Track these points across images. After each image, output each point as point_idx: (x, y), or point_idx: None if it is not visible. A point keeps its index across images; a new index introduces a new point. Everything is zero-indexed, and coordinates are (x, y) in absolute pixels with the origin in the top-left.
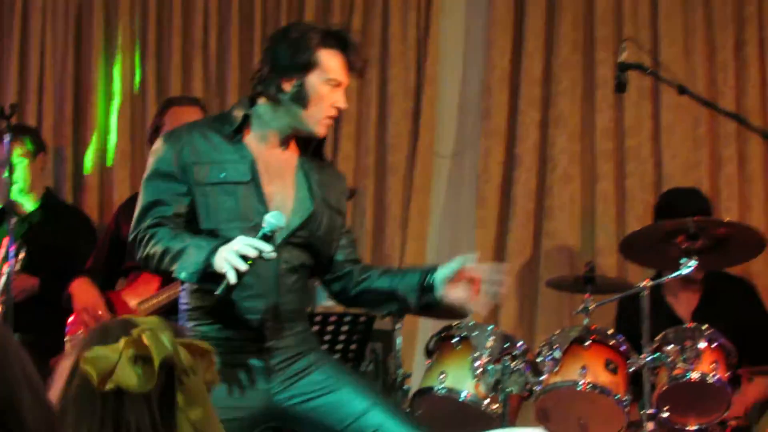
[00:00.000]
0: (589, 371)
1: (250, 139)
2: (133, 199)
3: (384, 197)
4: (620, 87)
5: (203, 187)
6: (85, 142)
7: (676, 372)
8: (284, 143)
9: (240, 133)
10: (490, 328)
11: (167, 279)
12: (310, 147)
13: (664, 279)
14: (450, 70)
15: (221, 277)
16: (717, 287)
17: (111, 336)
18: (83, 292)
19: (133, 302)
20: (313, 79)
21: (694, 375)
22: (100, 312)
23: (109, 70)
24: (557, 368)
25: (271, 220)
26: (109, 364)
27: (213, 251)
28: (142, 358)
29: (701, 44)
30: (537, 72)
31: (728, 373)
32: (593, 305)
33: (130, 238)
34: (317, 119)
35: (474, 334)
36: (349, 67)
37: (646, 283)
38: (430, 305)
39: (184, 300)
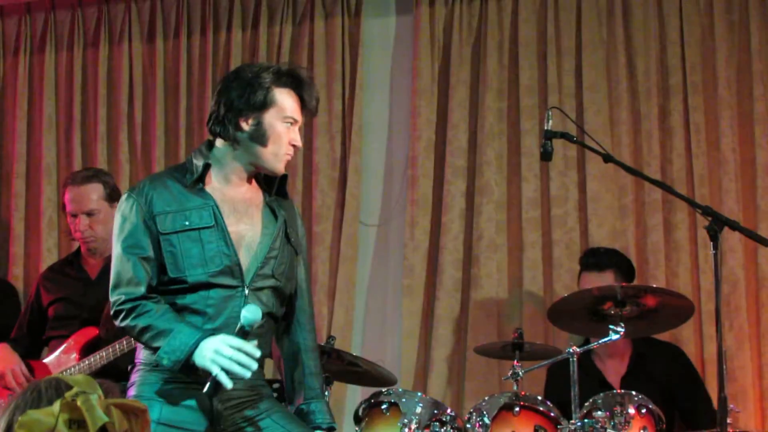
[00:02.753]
0: None
1: (213, 184)
2: (53, 269)
3: (311, 266)
4: (546, 155)
5: (168, 236)
6: (9, 211)
7: None
8: (247, 181)
9: (201, 181)
10: (419, 394)
11: (87, 349)
12: (274, 185)
13: (592, 345)
14: (375, 140)
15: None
16: (646, 353)
17: (44, 398)
18: (3, 358)
19: (54, 372)
20: (270, 118)
21: None
22: (22, 377)
23: (33, 140)
24: None
25: (247, 315)
26: (45, 428)
27: (196, 344)
28: (77, 422)
29: (626, 114)
30: (462, 141)
31: None
32: (522, 372)
33: (112, 300)
34: (277, 156)
35: (403, 400)
36: (302, 106)
37: (574, 349)
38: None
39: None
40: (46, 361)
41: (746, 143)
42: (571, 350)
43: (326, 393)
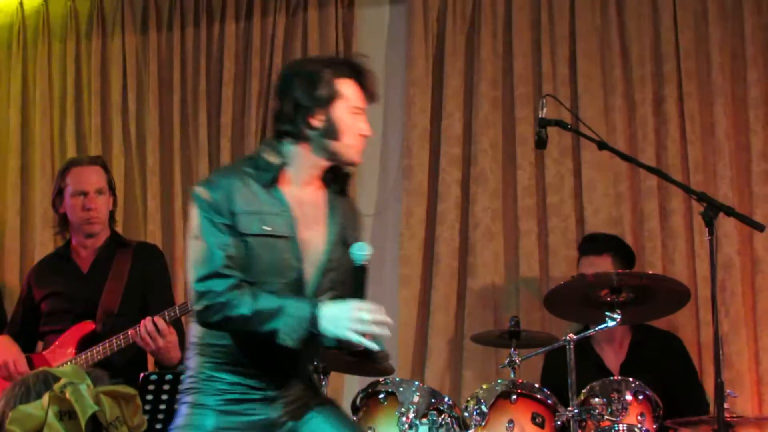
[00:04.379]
0: (516, 425)
1: (287, 186)
2: (44, 262)
3: None
4: (540, 143)
5: (246, 238)
6: (5, 205)
7: (603, 424)
8: (315, 182)
9: (276, 182)
10: (416, 383)
11: (84, 344)
12: (336, 184)
13: (589, 332)
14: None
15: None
16: (644, 340)
17: (33, 392)
18: (3, 349)
19: (54, 366)
20: (338, 111)
21: (621, 427)
22: (20, 369)
23: (28, 134)
24: (484, 422)
25: (359, 252)
26: (36, 422)
27: (313, 315)
28: (67, 413)
29: (621, 101)
30: (457, 130)
31: (655, 426)
32: (519, 359)
33: (196, 296)
34: (351, 148)
35: (400, 389)
36: (364, 93)
37: (571, 336)
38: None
39: (196, 333)
40: (43, 355)
41: (741, 129)
42: (567, 338)
43: (323, 382)
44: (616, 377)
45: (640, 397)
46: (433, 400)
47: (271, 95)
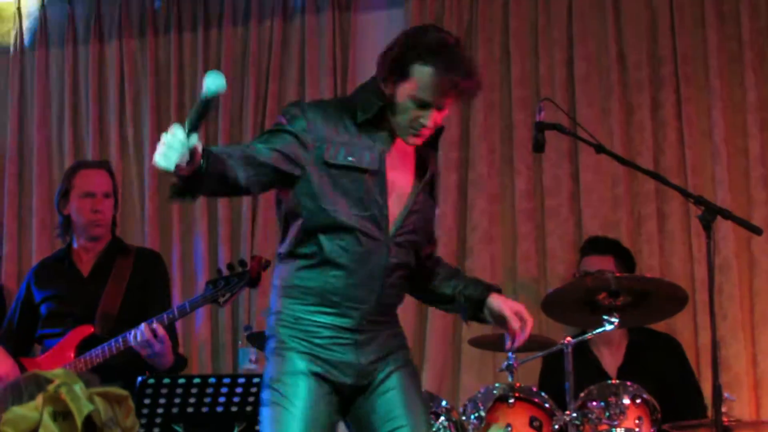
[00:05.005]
0: (514, 429)
1: (381, 126)
2: (43, 265)
3: None
4: (538, 147)
5: (329, 168)
6: (2, 210)
7: (600, 428)
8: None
9: (372, 122)
10: None
11: (83, 347)
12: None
13: (587, 336)
14: None
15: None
16: (642, 343)
17: (25, 393)
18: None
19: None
20: (402, 91)
21: (619, 431)
22: None
23: (25, 139)
24: (482, 426)
25: (209, 85)
26: (30, 423)
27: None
28: (62, 414)
29: (618, 105)
30: (455, 134)
31: (653, 429)
32: (517, 363)
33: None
34: (403, 129)
35: None
36: (442, 90)
37: (568, 340)
38: (479, 320)
39: (283, 275)
40: (39, 359)
41: (738, 133)
42: (565, 341)
43: None
44: (614, 381)
45: (638, 401)
46: (430, 404)
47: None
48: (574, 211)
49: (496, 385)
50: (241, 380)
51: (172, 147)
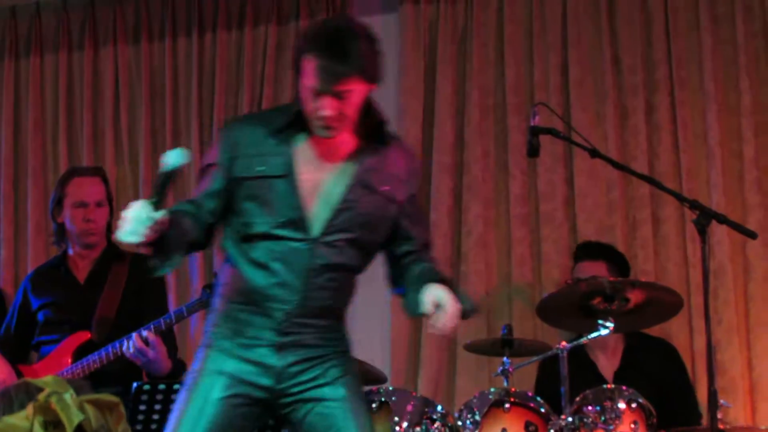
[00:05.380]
0: None
1: (300, 130)
2: (40, 272)
3: None
4: (532, 151)
5: (244, 182)
6: None
7: None
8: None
9: (291, 127)
10: (408, 392)
11: (80, 353)
12: (373, 133)
13: (582, 340)
14: None
15: None
16: (638, 348)
17: (15, 402)
18: None
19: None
20: (302, 86)
21: None
22: None
23: (20, 144)
24: (477, 431)
25: (169, 160)
26: None
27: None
28: (52, 423)
29: (612, 110)
30: (449, 139)
31: None
32: (512, 368)
33: None
34: (313, 124)
35: (393, 398)
36: (328, 76)
37: (564, 345)
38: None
39: (221, 274)
40: (36, 366)
41: (733, 137)
42: (560, 346)
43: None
44: (609, 385)
45: (634, 406)
46: (426, 409)
47: None
48: (569, 215)
49: (492, 389)
50: None
51: (138, 222)
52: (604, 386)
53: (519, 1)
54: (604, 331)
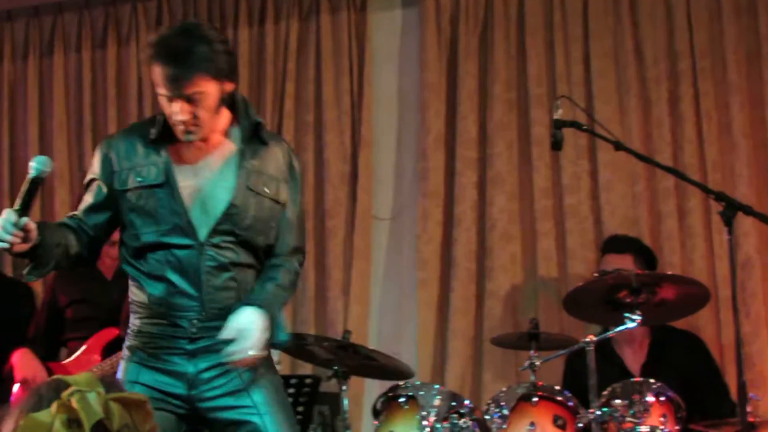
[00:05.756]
0: (538, 427)
1: (174, 139)
2: (66, 270)
3: (325, 261)
4: (556, 144)
5: (125, 194)
6: None
7: (625, 426)
8: (212, 136)
9: (163, 135)
10: (437, 387)
11: (108, 350)
12: (248, 134)
13: (608, 334)
14: (385, 134)
15: None
16: (665, 341)
17: (44, 400)
18: (24, 364)
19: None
20: (157, 92)
21: (643, 429)
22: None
23: (45, 143)
24: (505, 425)
25: (36, 165)
26: (43, 430)
27: None
28: (75, 421)
29: (636, 101)
30: (472, 133)
31: (678, 427)
32: (539, 362)
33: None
34: (174, 127)
35: (421, 393)
36: (166, 79)
37: (591, 338)
38: None
39: (129, 290)
40: (67, 363)
41: (757, 127)
42: (587, 339)
43: (344, 387)
44: (637, 378)
45: (662, 399)
46: (453, 404)
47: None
48: (594, 208)
49: (520, 384)
50: None
51: (3, 229)
52: (632, 380)
53: None
54: (631, 324)
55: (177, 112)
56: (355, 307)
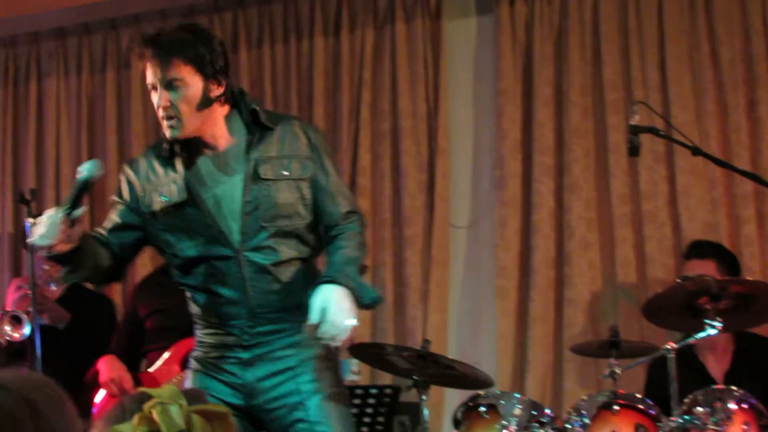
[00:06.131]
0: None
1: (188, 149)
2: (147, 280)
3: (403, 270)
4: (633, 150)
5: (153, 216)
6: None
7: None
8: (216, 139)
9: (175, 151)
10: (517, 395)
11: (188, 360)
12: (251, 125)
13: (689, 340)
14: (461, 142)
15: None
16: (748, 348)
17: (127, 413)
18: (110, 367)
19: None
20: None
21: None
22: (126, 386)
23: (124, 155)
24: None
25: (86, 168)
26: None
27: None
28: None
29: (713, 106)
30: (549, 140)
31: None
32: (619, 369)
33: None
34: (161, 124)
35: (501, 402)
36: (153, 66)
37: (671, 345)
38: None
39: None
40: (154, 373)
41: None
42: (668, 347)
43: (424, 397)
44: (718, 386)
45: (745, 406)
46: (534, 413)
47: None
48: (672, 214)
49: (600, 392)
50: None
51: (52, 226)
52: (714, 387)
53: None
54: (711, 331)
55: (157, 101)
56: (434, 316)
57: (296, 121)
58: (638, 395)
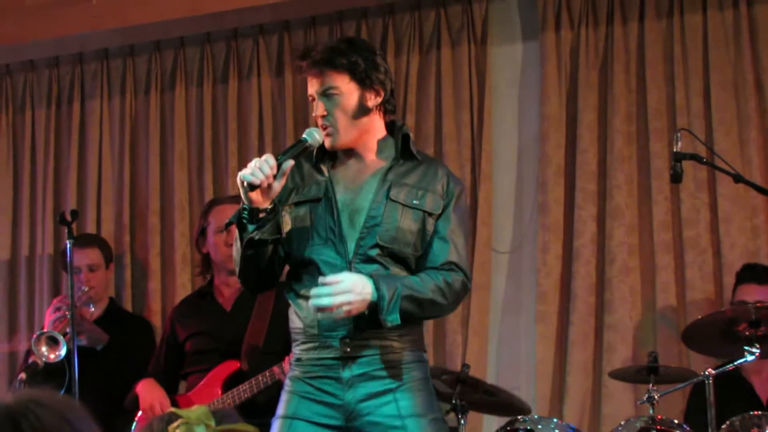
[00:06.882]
0: None
1: (336, 155)
2: (186, 303)
3: None
4: (676, 177)
5: (287, 211)
6: (146, 247)
7: None
8: (350, 155)
9: (324, 154)
10: (555, 420)
11: (229, 384)
12: (400, 151)
13: (727, 367)
14: (505, 167)
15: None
16: None
17: None
18: (149, 392)
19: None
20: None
21: None
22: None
23: (167, 178)
24: None
25: (309, 132)
26: None
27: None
28: None
29: (756, 133)
30: (592, 165)
31: None
32: (658, 395)
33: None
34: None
35: (539, 427)
36: (311, 77)
37: (710, 371)
38: None
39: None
40: (190, 395)
41: None
42: (707, 372)
43: (462, 422)
44: (756, 412)
45: None
46: None
47: None
48: (713, 241)
49: (639, 418)
50: None
51: (263, 164)
52: (751, 413)
53: (659, 26)
54: (750, 357)
55: (315, 110)
56: (474, 340)
57: (445, 166)
58: (676, 421)
